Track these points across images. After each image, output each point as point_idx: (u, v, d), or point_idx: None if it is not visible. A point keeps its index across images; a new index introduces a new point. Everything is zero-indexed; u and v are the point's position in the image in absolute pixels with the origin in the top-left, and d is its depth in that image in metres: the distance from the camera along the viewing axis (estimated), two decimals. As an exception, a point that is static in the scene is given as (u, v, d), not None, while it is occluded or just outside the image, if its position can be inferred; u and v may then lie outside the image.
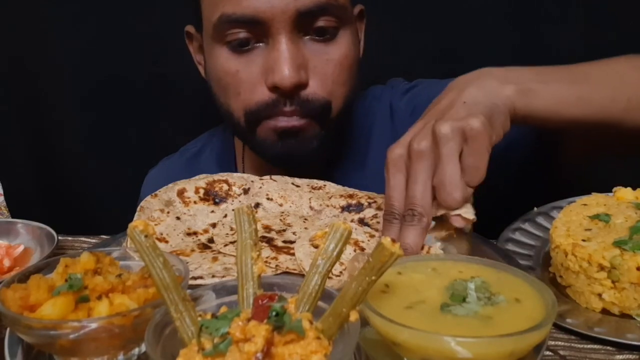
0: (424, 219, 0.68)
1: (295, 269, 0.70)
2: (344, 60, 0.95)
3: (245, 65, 0.93)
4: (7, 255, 0.82)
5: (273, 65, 0.90)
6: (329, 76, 0.94)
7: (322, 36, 0.93)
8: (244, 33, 0.91)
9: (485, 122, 0.69)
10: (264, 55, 0.92)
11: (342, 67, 0.95)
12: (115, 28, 1.41)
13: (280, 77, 0.89)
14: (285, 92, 0.91)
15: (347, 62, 0.96)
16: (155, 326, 0.48)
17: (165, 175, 1.20)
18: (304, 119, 0.93)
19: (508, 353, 0.48)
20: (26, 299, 0.55)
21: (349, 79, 0.98)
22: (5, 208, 1.44)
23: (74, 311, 0.54)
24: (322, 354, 0.43)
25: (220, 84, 0.97)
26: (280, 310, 0.45)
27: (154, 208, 0.83)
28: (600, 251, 0.66)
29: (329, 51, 0.94)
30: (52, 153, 1.52)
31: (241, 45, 0.93)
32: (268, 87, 0.92)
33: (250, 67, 0.93)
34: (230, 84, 0.95)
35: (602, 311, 0.67)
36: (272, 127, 0.94)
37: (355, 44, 0.99)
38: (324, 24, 0.92)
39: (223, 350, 0.43)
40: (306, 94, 0.92)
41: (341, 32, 0.95)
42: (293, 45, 0.90)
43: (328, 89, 0.94)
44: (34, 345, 0.57)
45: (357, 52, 1.01)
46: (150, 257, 0.48)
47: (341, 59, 0.95)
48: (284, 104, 0.92)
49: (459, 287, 0.55)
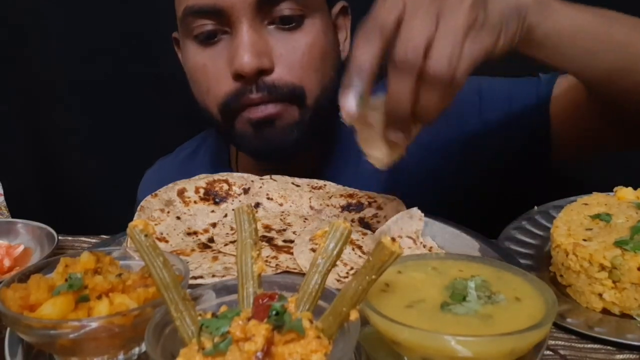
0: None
1: (295, 268, 0.70)
2: (312, 48, 0.94)
3: (211, 58, 0.94)
4: (7, 255, 0.82)
5: (234, 53, 0.90)
6: (296, 63, 0.93)
7: (287, 24, 0.93)
8: (210, 25, 0.92)
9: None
10: (228, 46, 0.92)
11: (311, 54, 0.94)
12: (115, 28, 1.41)
13: (240, 63, 0.89)
14: (248, 79, 0.90)
15: (316, 50, 0.95)
16: (155, 326, 0.48)
17: (160, 175, 1.20)
18: (276, 106, 0.92)
19: (508, 352, 0.48)
20: (26, 298, 0.55)
21: (322, 66, 0.96)
22: (5, 208, 1.44)
23: (74, 311, 0.54)
24: (322, 353, 0.43)
25: (192, 80, 0.98)
26: (280, 309, 0.45)
27: (154, 208, 0.83)
28: (601, 251, 0.66)
29: (295, 38, 0.93)
30: (52, 153, 1.52)
31: (208, 38, 0.94)
32: (233, 77, 0.92)
33: (216, 60, 0.94)
34: (200, 78, 0.96)
35: (603, 311, 0.67)
36: (246, 119, 0.94)
37: (326, 32, 0.98)
38: (288, 12, 0.92)
39: (223, 349, 0.43)
40: (271, 79, 0.92)
41: (308, 20, 0.94)
42: (255, 33, 0.90)
43: (297, 75, 0.93)
44: (34, 344, 0.57)
45: (330, 42, 0.99)
46: (150, 256, 0.48)
47: (308, 47, 0.94)
48: (250, 92, 0.91)
49: (459, 286, 0.54)
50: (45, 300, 0.54)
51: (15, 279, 0.59)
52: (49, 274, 0.61)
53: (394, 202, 0.86)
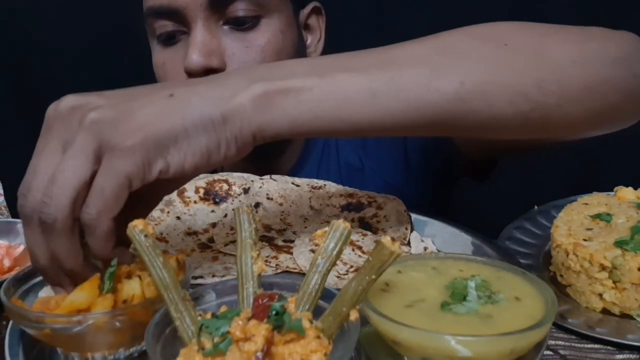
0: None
1: (295, 268, 0.70)
2: (267, 46, 0.95)
3: (170, 57, 0.96)
4: (7, 255, 0.82)
5: (186, 52, 0.92)
6: (249, 62, 0.94)
7: (241, 25, 0.94)
8: (170, 26, 0.94)
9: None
10: (185, 45, 0.94)
11: (265, 53, 0.95)
12: (116, 27, 1.41)
13: (188, 62, 0.91)
14: (197, 77, 0.90)
15: (271, 48, 0.95)
16: (155, 326, 0.48)
17: None
18: None
19: (508, 352, 0.48)
20: (47, 303, 0.55)
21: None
22: (5, 208, 1.44)
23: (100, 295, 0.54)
24: (322, 353, 0.43)
25: (157, 78, 1.00)
26: (280, 309, 0.45)
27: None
28: (602, 251, 0.66)
29: (249, 38, 0.94)
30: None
31: (168, 39, 0.96)
32: (186, 74, 0.93)
33: (174, 59, 0.96)
34: (160, 76, 0.99)
35: (603, 311, 0.67)
36: None
37: (285, 32, 0.98)
38: (242, 14, 0.93)
39: (223, 349, 0.43)
40: None
41: (264, 20, 0.95)
42: (207, 32, 0.92)
43: None
44: (37, 337, 0.56)
45: (289, 41, 0.99)
46: (150, 256, 0.48)
47: (263, 46, 0.95)
48: None
49: (459, 285, 0.54)
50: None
51: (16, 278, 0.59)
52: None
53: (394, 202, 0.86)
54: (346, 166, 1.10)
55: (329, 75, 0.56)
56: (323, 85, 0.56)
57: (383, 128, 0.59)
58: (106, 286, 0.54)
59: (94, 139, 0.52)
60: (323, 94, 0.56)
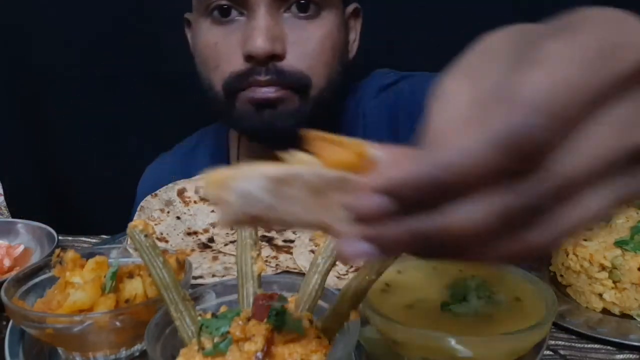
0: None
1: (295, 268, 0.70)
2: (325, 40, 0.95)
3: (224, 37, 0.95)
4: (7, 255, 0.82)
5: (249, 35, 0.91)
6: (308, 53, 0.94)
7: (303, 12, 0.93)
8: (225, 1, 0.93)
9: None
10: (242, 27, 0.93)
11: (323, 46, 0.95)
12: (116, 27, 1.41)
13: (254, 46, 0.90)
14: (260, 61, 0.91)
15: (329, 42, 0.96)
16: (155, 326, 0.48)
17: (161, 170, 1.21)
18: (280, 91, 0.93)
19: (508, 352, 0.48)
20: (48, 303, 0.55)
21: (331, 60, 0.97)
22: (5, 208, 1.44)
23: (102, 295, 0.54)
24: (322, 353, 0.43)
25: (202, 58, 0.99)
26: (280, 309, 0.45)
27: (154, 208, 0.83)
28: (602, 251, 0.66)
29: (309, 28, 0.94)
30: (52, 153, 1.52)
31: (222, 14, 0.94)
32: (244, 57, 0.92)
33: (229, 39, 0.94)
34: (210, 56, 0.97)
35: (603, 311, 0.67)
36: (248, 99, 0.94)
37: (339, 29, 0.99)
38: (305, 0, 0.93)
39: (223, 349, 0.43)
40: (281, 65, 0.92)
41: (324, 12, 0.95)
42: (271, 18, 0.91)
43: (306, 64, 0.94)
44: (37, 336, 0.56)
45: (342, 39, 1.00)
46: (149, 256, 0.48)
47: (322, 39, 0.95)
48: (259, 74, 0.92)
49: (459, 285, 0.54)
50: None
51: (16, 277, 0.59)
52: (48, 274, 0.61)
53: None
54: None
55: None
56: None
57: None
58: (108, 286, 0.54)
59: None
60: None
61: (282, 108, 0.94)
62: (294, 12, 0.93)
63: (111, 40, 1.42)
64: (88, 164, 1.51)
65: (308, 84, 0.95)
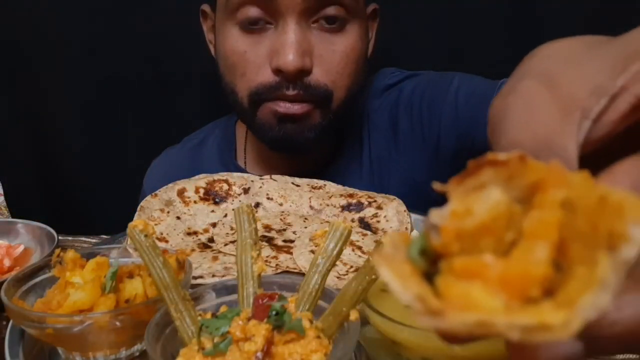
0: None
1: (295, 268, 0.70)
2: (350, 52, 0.96)
3: (253, 46, 0.94)
4: (7, 255, 0.82)
5: (279, 49, 0.91)
6: (333, 66, 0.95)
7: (330, 24, 0.93)
8: (255, 10, 0.92)
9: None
10: (272, 37, 0.93)
11: (348, 58, 0.96)
12: (116, 26, 1.41)
13: (285, 61, 0.90)
14: (289, 76, 0.91)
15: (354, 55, 0.96)
16: (155, 326, 0.48)
17: (168, 164, 1.21)
18: (304, 107, 0.94)
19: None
20: (48, 303, 0.55)
21: (354, 72, 0.98)
22: (5, 208, 1.44)
23: (103, 294, 0.54)
24: (322, 353, 0.43)
25: (227, 63, 0.98)
26: (280, 309, 0.45)
27: (154, 208, 0.83)
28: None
29: (336, 41, 0.94)
30: (52, 153, 1.52)
31: (251, 24, 0.93)
32: (272, 70, 0.93)
33: (257, 49, 0.94)
34: (237, 63, 0.96)
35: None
36: (272, 111, 0.95)
37: (363, 39, 0.99)
38: (333, 13, 0.93)
39: (223, 349, 0.43)
40: (309, 80, 0.93)
41: (350, 24, 0.96)
42: (300, 31, 0.91)
43: (331, 79, 0.95)
44: (37, 336, 0.56)
45: (364, 48, 1.01)
46: (149, 256, 0.48)
47: (347, 51, 0.95)
48: (287, 88, 0.93)
49: (459, 286, 0.54)
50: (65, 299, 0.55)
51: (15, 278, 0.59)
52: (48, 274, 0.61)
53: (394, 202, 0.86)
54: (377, 161, 1.10)
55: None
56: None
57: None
58: (108, 286, 0.54)
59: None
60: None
61: (303, 122, 0.96)
62: (322, 24, 0.93)
63: (112, 39, 1.42)
64: (88, 164, 1.51)
65: (330, 98, 0.96)
